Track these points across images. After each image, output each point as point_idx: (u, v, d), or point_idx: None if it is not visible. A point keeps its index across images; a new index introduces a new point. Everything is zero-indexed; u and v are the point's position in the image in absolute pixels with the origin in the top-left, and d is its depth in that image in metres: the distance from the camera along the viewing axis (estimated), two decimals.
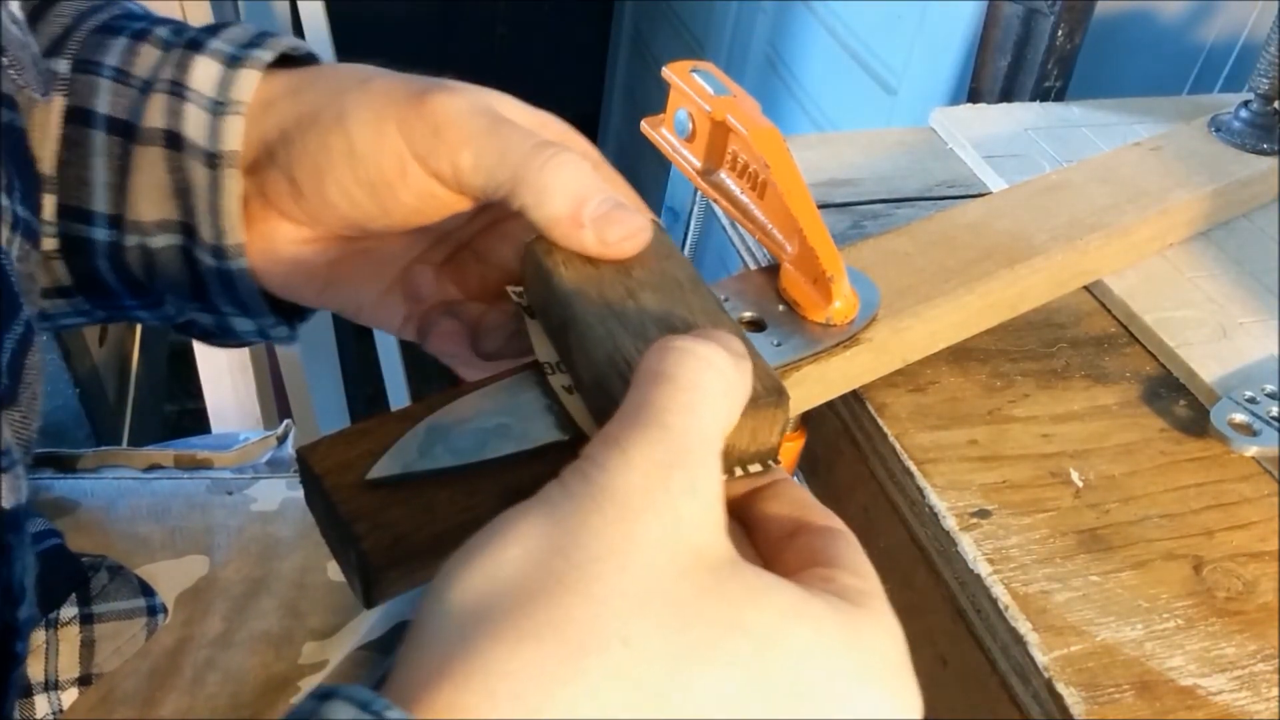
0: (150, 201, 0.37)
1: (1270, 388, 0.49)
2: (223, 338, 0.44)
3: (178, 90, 0.37)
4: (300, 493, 0.61)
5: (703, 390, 0.27)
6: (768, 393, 0.30)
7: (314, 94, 0.37)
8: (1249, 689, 0.38)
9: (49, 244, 0.38)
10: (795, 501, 0.31)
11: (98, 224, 0.38)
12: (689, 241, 0.52)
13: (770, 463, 0.31)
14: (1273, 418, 0.47)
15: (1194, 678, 0.39)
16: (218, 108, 0.37)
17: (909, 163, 0.66)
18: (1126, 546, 0.43)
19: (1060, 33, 0.82)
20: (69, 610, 0.52)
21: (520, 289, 0.37)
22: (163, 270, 0.39)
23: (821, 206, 0.59)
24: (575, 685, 0.22)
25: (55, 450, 0.62)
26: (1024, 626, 0.39)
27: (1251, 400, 0.48)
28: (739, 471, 0.31)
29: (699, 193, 0.49)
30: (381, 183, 0.36)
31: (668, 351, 0.27)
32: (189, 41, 0.38)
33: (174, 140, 0.37)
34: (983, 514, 0.44)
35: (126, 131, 0.37)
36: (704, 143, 0.45)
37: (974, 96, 0.91)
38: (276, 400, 1.32)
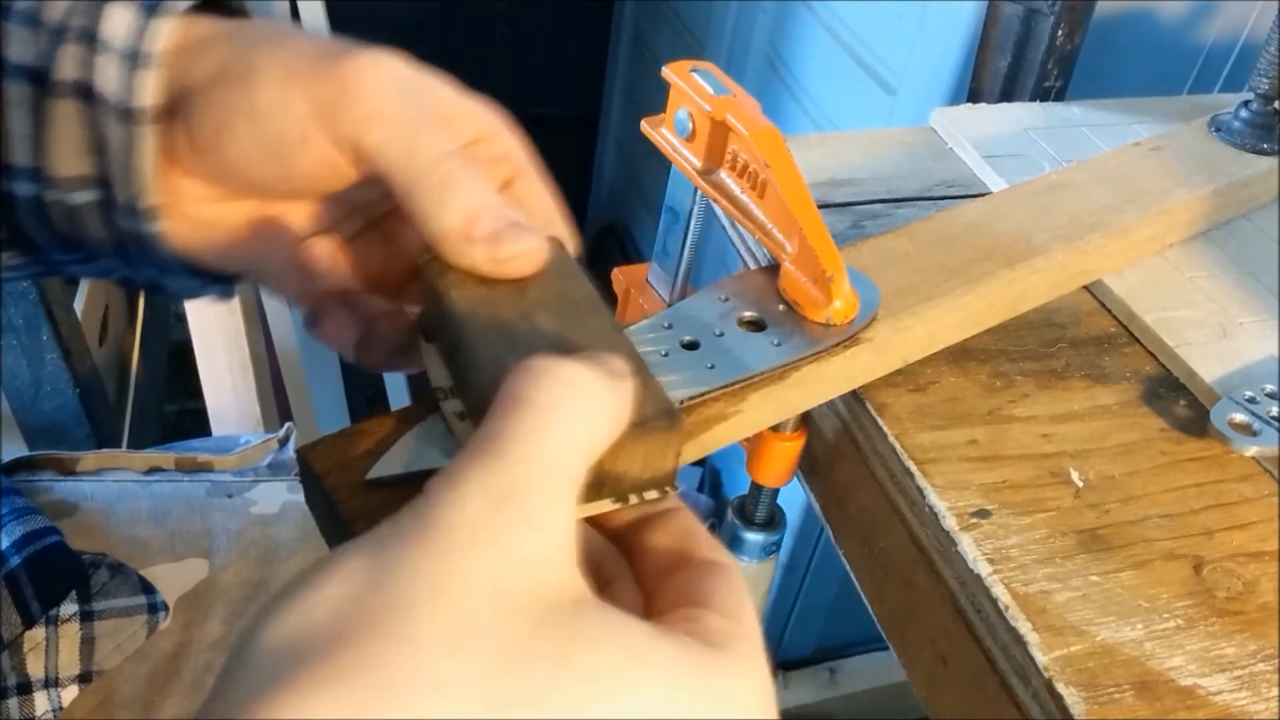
0: (67, 156, 0.36)
1: (1270, 388, 0.49)
2: (162, 292, 0.42)
3: (90, 39, 0.35)
4: (301, 496, 0.61)
5: (559, 414, 0.25)
6: (658, 416, 0.29)
7: (228, 47, 0.35)
8: (1249, 689, 0.38)
9: None
10: (682, 532, 0.30)
11: (19, 178, 0.36)
12: (689, 241, 0.52)
13: (668, 489, 0.31)
14: (1273, 418, 0.47)
15: (1194, 678, 0.39)
16: (131, 60, 0.35)
17: (909, 163, 0.66)
18: (1126, 546, 0.43)
19: (1060, 33, 0.82)
20: (69, 607, 0.52)
21: (418, 310, 0.36)
22: (87, 227, 0.37)
23: (821, 206, 0.59)
24: None
25: (55, 452, 0.62)
26: (1024, 626, 0.39)
27: (1251, 400, 0.48)
28: (634, 499, 0.30)
29: (699, 192, 0.49)
30: (281, 146, 0.34)
31: (525, 374, 0.26)
32: None
33: (87, 93, 0.35)
34: (983, 514, 0.44)
35: (40, 82, 0.35)
36: (704, 142, 0.45)
37: (974, 96, 0.91)
38: (277, 400, 1.32)
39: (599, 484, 0.29)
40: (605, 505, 0.30)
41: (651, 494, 0.30)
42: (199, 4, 0.37)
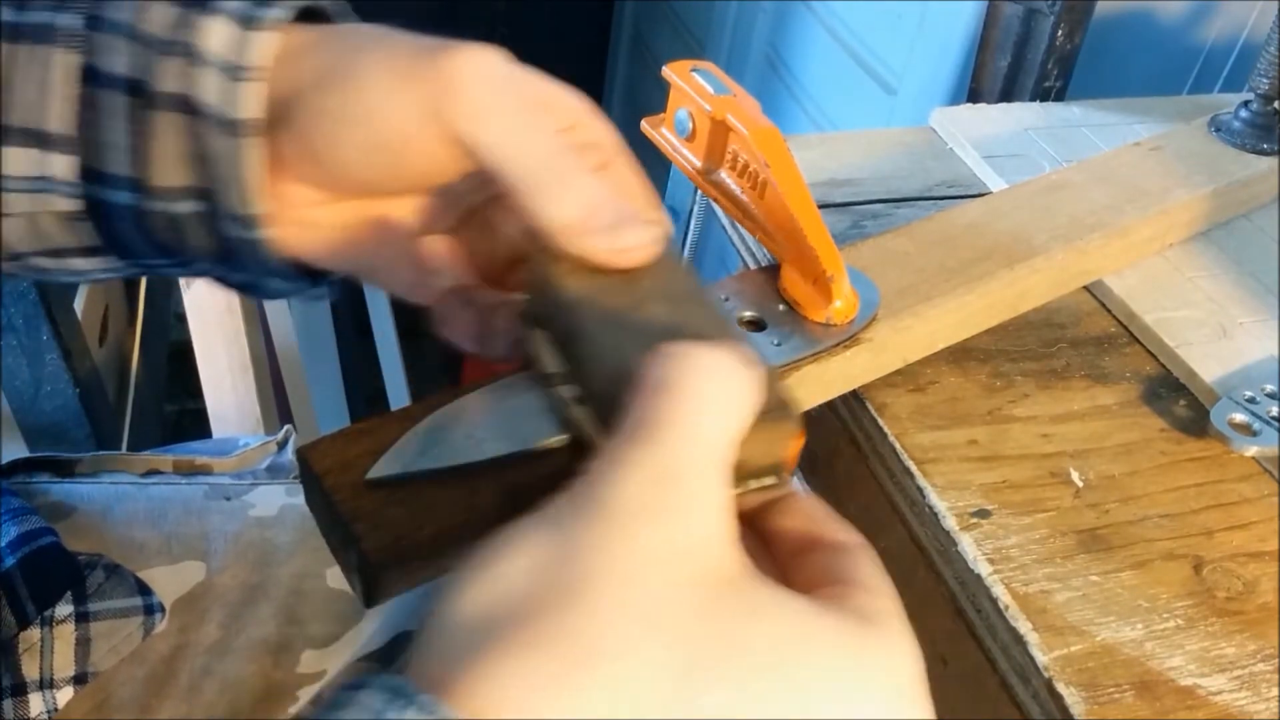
0: (170, 168, 0.36)
1: (1270, 388, 0.49)
2: (258, 293, 0.43)
3: (191, 53, 0.35)
4: (299, 499, 0.61)
5: (705, 399, 0.26)
6: (779, 406, 0.30)
7: (329, 53, 0.36)
8: (1249, 689, 0.38)
9: (72, 205, 0.37)
10: (809, 516, 0.31)
11: (120, 187, 0.37)
12: (689, 241, 0.52)
13: (783, 476, 0.31)
14: (1273, 418, 0.47)
15: (1194, 678, 0.39)
16: (234, 73, 0.35)
17: (909, 163, 0.66)
18: (1126, 546, 0.43)
19: (1060, 33, 0.82)
20: (64, 608, 0.51)
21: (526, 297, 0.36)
22: (188, 235, 0.38)
23: (821, 206, 0.59)
24: (576, 696, 0.23)
25: (53, 454, 0.62)
26: (1024, 626, 0.39)
27: (1251, 400, 0.48)
28: (752, 484, 0.30)
29: (699, 192, 0.49)
30: (392, 146, 0.35)
31: (669, 359, 0.27)
32: None
33: (190, 106, 0.36)
34: (983, 514, 0.44)
35: (143, 94, 0.36)
36: (704, 142, 0.45)
37: (974, 96, 0.91)
38: (277, 400, 1.32)
39: None
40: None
41: (769, 480, 0.31)
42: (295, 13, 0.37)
